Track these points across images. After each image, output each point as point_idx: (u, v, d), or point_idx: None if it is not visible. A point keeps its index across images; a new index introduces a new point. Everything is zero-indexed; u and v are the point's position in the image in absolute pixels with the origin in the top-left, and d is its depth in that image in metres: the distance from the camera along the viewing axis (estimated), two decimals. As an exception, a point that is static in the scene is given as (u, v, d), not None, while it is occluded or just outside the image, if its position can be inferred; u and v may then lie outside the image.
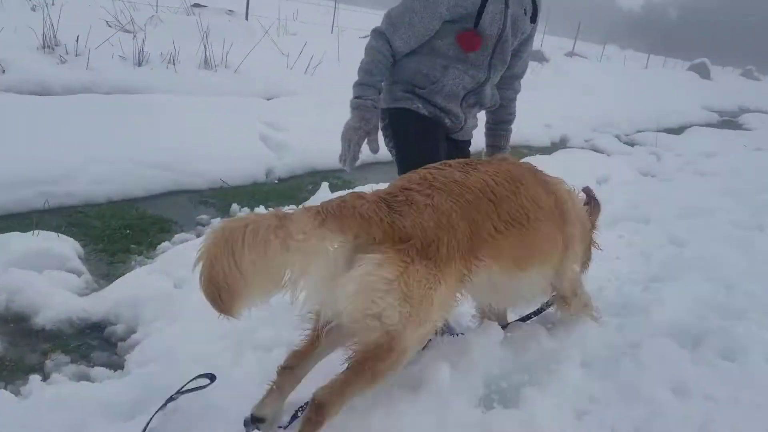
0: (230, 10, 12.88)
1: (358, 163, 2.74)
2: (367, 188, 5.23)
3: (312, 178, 6.10)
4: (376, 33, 2.66)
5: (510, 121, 3.12)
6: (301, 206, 1.89)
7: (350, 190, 5.52)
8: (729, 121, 16.90)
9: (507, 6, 2.64)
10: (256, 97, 8.14)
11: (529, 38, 2.92)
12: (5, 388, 2.48)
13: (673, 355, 2.42)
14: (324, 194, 5.17)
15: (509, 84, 3.03)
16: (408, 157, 2.76)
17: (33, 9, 9.60)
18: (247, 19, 12.99)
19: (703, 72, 30.10)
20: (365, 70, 2.65)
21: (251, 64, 9.45)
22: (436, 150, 2.75)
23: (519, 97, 3.11)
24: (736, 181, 6.91)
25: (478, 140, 3.21)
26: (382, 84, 2.78)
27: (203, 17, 10.80)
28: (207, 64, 9.14)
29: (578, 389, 2.17)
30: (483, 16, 2.57)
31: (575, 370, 2.26)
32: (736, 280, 3.40)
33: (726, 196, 6.03)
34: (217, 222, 4.56)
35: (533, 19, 2.80)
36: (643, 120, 12.69)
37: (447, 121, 2.83)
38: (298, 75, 10.19)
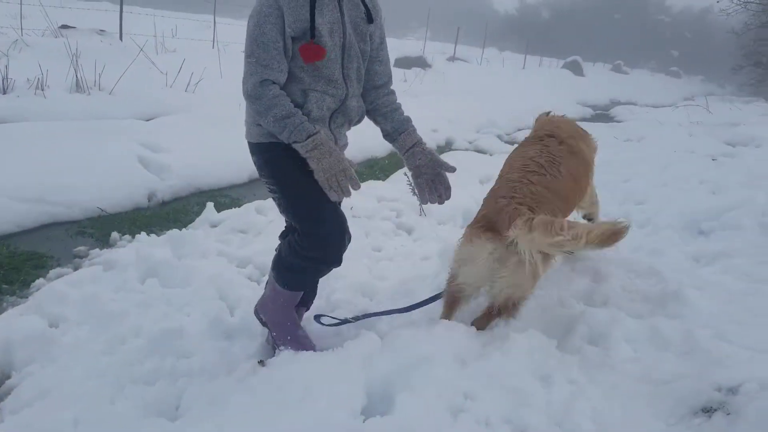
0: (102, 30, 12.38)
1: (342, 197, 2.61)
2: (254, 205, 5.23)
3: (198, 199, 5.99)
4: (258, 85, 2.44)
5: (408, 120, 2.95)
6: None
7: (238, 208, 5.50)
8: (602, 114, 17.99)
9: (342, 13, 2.59)
10: (134, 118, 7.88)
11: (383, 41, 2.85)
12: None
13: (542, 345, 2.59)
14: (210, 215, 5.10)
15: (384, 91, 2.91)
16: (297, 197, 2.64)
17: None
18: (121, 38, 12.53)
19: (576, 69, 31.91)
20: (281, 115, 2.45)
21: (127, 85, 9.14)
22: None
23: (403, 102, 3.01)
24: (606, 172, 7.39)
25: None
26: (246, 120, 2.71)
27: (72, 39, 10.32)
28: (79, 87, 8.75)
29: (453, 387, 2.27)
30: (318, 27, 2.49)
31: (449, 369, 2.36)
32: (602, 268, 3.66)
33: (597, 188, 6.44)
34: (96, 252, 4.40)
35: (369, 19, 2.70)
36: (523, 118, 13.29)
37: None
38: (178, 93, 9.94)
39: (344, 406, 2.11)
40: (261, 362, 2.66)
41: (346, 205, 3.84)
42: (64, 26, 12.53)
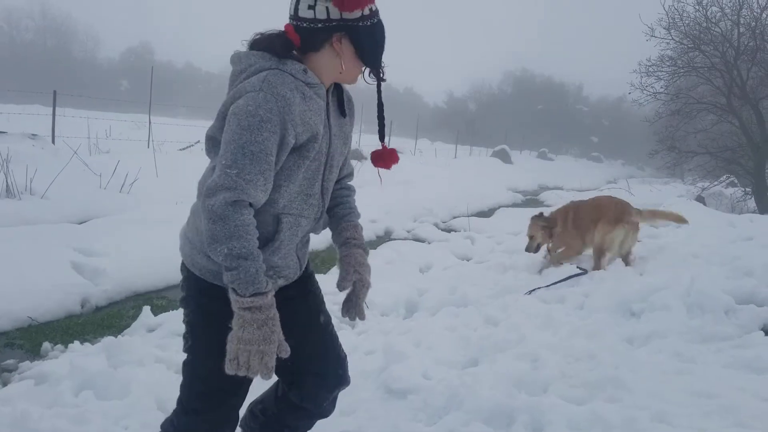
0: (33, 135, 12.26)
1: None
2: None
3: (134, 302, 5.85)
4: (229, 204, 1.92)
5: (352, 214, 2.50)
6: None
7: (176, 310, 5.39)
8: (532, 199, 18.72)
9: (328, 116, 2.20)
10: (67, 222, 7.74)
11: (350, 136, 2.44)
12: None
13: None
14: (146, 319, 4.99)
15: (342, 183, 2.54)
16: (205, 363, 2.16)
17: None
18: (53, 142, 12.43)
19: (504, 157, 33.25)
20: (239, 253, 1.91)
21: (60, 189, 9.01)
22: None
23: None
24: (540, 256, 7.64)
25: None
26: (187, 236, 2.27)
27: (3, 144, 10.18)
28: (9, 192, 8.57)
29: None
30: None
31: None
32: (541, 354, 3.74)
33: (529, 272, 6.67)
34: (26, 365, 4.20)
35: (343, 113, 2.30)
36: (458, 206, 13.69)
37: (280, 282, 2.24)
38: (112, 194, 9.85)
39: None
40: None
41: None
42: (-6, 131, 12.35)
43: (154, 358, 4.12)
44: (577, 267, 6.35)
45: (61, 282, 5.65)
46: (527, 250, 7.08)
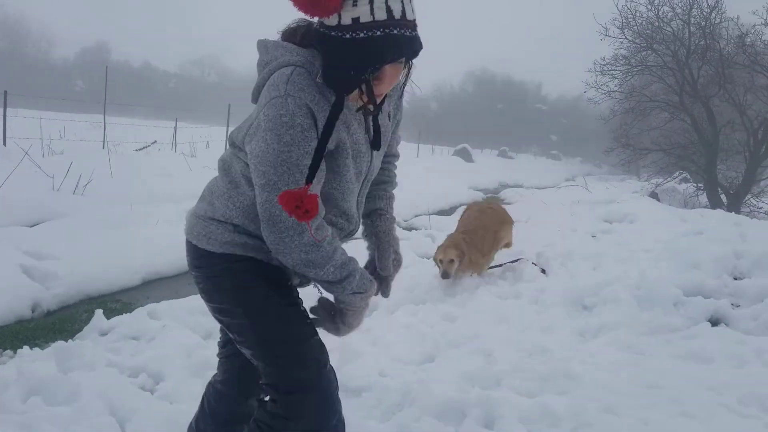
0: (-18, 135, 11.95)
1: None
2: (146, 309, 5.07)
3: (87, 306, 5.72)
4: (312, 229, 1.83)
5: (390, 183, 2.34)
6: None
7: (129, 313, 5.30)
8: (492, 197, 18.91)
9: (369, 130, 2.02)
10: (18, 225, 7.54)
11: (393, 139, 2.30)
12: None
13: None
14: (99, 323, 4.88)
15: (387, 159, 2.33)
16: (270, 338, 2.01)
17: None
18: (4, 143, 12.11)
19: (465, 156, 33.58)
20: (342, 260, 1.91)
21: (10, 190, 8.76)
22: (307, 326, 2.07)
23: None
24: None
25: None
26: (203, 217, 2.07)
27: (-51, 144, 9.88)
28: (-44, 195, 8.32)
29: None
30: (344, 144, 1.94)
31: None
32: (495, 348, 3.79)
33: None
34: (-28, 372, 4.08)
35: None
36: (419, 204, 13.74)
37: (296, 281, 2.14)
38: (66, 196, 9.62)
39: None
40: None
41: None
42: (-60, 132, 11.99)
43: (105, 361, 4.04)
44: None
45: (10, 286, 5.50)
46: (445, 277, 5.85)
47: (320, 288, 2.04)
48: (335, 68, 1.79)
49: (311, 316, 2.08)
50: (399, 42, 1.73)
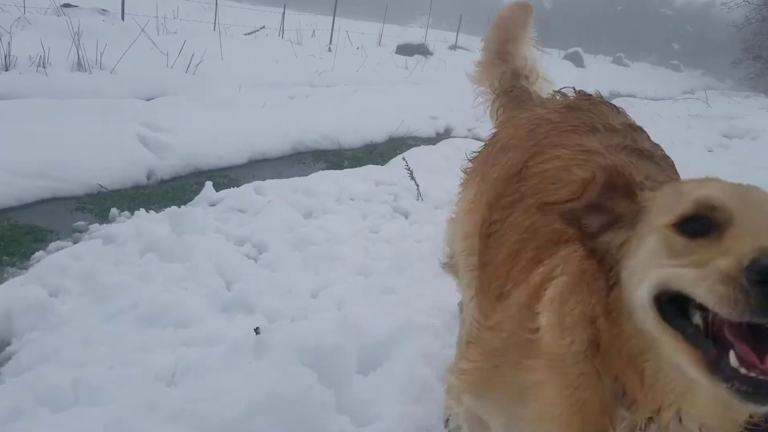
0: (104, 10, 12.38)
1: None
2: (252, 186, 5.29)
3: (196, 178, 6.02)
4: None
5: None
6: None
7: (236, 188, 5.55)
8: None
9: None
10: (135, 98, 7.90)
11: None
12: None
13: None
14: (208, 193, 5.14)
15: None
16: None
17: None
18: (123, 18, 12.53)
19: (577, 60, 31.89)
20: None
21: (128, 65, 9.15)
22: None
23: (404, 89, 2.24)
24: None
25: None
26: None
27: (74, 18, 10.32)
28: (80, 66, 8.77)
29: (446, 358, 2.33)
30: None
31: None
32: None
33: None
34: (95, 227, 4.45)
35: None
36: (522, 107, 13.29)
37: None
38: (178, 74, 9.96)
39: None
40: (257, 330, 2.72)
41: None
42: (66, 5, 12.53)
43: (214, 228, 4.29)
44: None
45: (128, 154, 5.86)
46: None
47: None
48: None
49: None
50: None
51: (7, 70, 8.05)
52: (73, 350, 2.62)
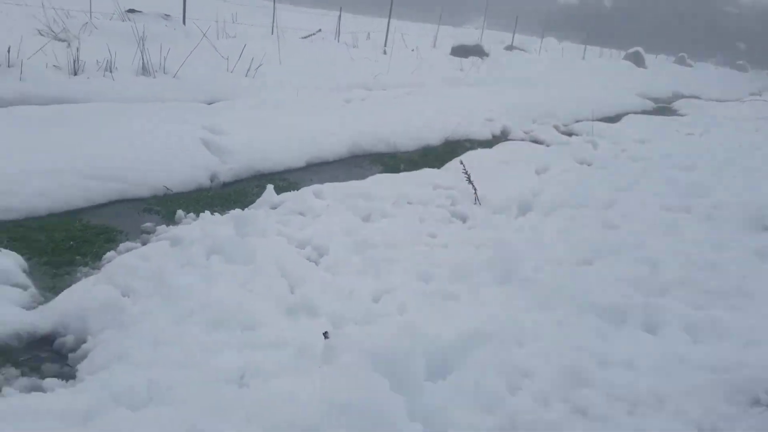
0: (166, 15, 12.73)
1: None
2: (312, 189, 5.36)
3: (257, 182, 6.13)
4: None
5: None
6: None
7: (296, 191, 5.62)
8: (664, 107, 17.53)
9: None
10: (197, 101, 8.11)
11: None
12: (-46, 404, 2.48)
13: (599, 330, 2.60)
14: (270, 197, 5.23)
15: None
16: None
17: (-40, 20, 9.33)
18: (184, 23, 12.86)
19: (638, 60, 31.12)
20: None
21: (190, 69, 9.40)
22: None
23: (459, 91, 2.28)
24: (667, 165, 7.24)
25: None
26: None
27: (139, 23, 10.66)
28: (145, 70, 9.05)
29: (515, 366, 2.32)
30: None
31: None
32: (662, 259, 3.62)
33: (656, 181, 6.35)
34: (162, 228, 4.58)
35: None
36: (581, 110, 13.07)
37: None
38: (238, 78, 10.17)
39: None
40: (326, 335, 2.74)
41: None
42: (131, 10, 12.92)
43: (276, 231, 4.36)
44: None
45: (192, 157, 6.01)
46: None
47: None
48: None
49: None
50: None
51: (75, 75, 8.36)
52: (145, 350, 2.70)
